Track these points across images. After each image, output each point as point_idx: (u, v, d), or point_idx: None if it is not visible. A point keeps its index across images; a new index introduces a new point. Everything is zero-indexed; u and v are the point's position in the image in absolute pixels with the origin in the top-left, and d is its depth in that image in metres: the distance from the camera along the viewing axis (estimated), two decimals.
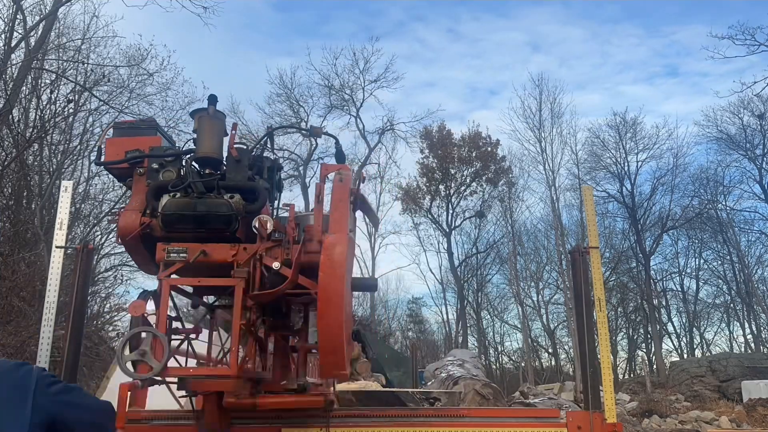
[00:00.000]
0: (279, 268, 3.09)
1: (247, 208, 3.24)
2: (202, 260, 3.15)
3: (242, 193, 3.26)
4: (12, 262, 11.92)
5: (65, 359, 4.99)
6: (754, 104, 29.68)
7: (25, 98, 15.23)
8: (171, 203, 3.19)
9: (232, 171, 3.32)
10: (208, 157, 3.31)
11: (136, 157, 3.41)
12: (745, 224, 33.33)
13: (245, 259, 3.13)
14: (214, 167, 3.35)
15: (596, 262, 4.28)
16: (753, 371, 21.33)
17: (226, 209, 3.18)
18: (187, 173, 3.27)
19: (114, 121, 3.95)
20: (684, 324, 36.52)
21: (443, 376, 13.27)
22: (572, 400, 15.50)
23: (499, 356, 38.77)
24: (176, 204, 3.18)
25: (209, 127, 3.33)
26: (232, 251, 3.18)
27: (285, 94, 30.39)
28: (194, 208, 3.17)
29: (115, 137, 3.60)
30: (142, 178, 3.41)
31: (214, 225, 3.19)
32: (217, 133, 3.36)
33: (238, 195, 3.24)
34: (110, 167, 3.57)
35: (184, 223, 3.19)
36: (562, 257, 27.45)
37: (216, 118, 3.37)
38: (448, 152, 33.93)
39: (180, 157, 3.38)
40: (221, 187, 3.24)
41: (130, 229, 3.27)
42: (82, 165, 18.13)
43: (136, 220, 3.28)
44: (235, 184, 3.27)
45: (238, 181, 3.29)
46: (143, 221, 3.26)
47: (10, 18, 14.04)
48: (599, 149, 32.30)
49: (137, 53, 17.94)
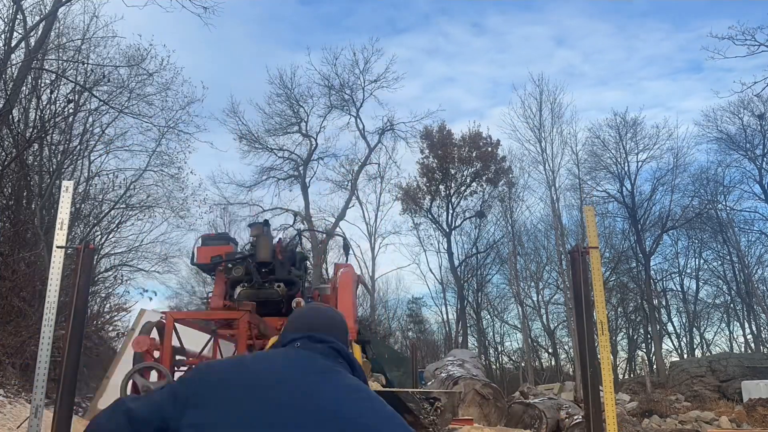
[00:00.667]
0: None
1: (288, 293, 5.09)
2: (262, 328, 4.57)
3: (285, 283, 5.17)
4: (12, 262, 11.92)
5: (65, 359, 4.99)
6: (754, 104, 29.68)
7: (25, 98, 15.23)
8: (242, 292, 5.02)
9: (278, 268, 5.22)
10: (263, 262, 5.26)
11: (218, 262, 5.33)
12: (745, 224, 33.35)
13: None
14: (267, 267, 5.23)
15: (596, 262, 4.29)
16: (753, 371, 21.34)
17: (276, 295, 5.04)
18: (252, 271, 5.10)
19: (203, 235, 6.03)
20: (684, 324, 36.55)
21: (443, 376, 13.28)
22: (572, 400, 15.50)
23: (499, 356, 38.79)
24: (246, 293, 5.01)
25: (265, 240, 5.29)
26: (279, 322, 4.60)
27: (285, 94, 30.38)
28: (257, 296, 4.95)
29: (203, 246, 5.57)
30: (221, 273, 5.29)
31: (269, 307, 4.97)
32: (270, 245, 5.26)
33: (282, 284, 5.14)
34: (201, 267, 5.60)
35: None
36: (562, 257, 27.44)
37: (268, 235, 5.36)
38: (448, 152, 33.92)
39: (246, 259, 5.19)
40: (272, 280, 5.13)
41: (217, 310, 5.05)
42: (82, 165, 18.17)
43: (220, 303, 5.11)
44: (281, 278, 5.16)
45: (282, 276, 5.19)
46: (225, 304, 5.06)
47: (10, 18, 14.05)
48: (599, 149, 32.31)
49: (137, 53, 17.94)
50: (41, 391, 4.96)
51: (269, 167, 30.36)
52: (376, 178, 33.62)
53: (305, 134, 30.78)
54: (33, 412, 4.90)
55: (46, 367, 5.00)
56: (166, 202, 21.74)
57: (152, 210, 21.39)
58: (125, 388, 3.34)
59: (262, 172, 30.23)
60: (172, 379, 3.28)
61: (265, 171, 30.28)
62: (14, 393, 9.49)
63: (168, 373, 3.33)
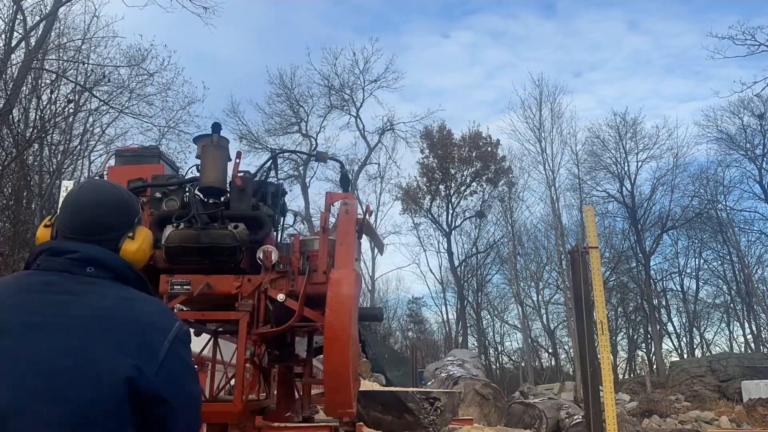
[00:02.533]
0: (284, 300, 3.06)
1: (251, 238, 3.17)
2: (206, 292, 3.11)
3: (246, 222, 3.19)
4: (12, 262, 11.92)
5: None
6: (754, 104, 29.69)
7: (25, 98, 15.23)
8: (175, 235, 3.12)
9: (236, 200, 3.27)
10: (212, 187, 3.26)
11: (139, 187, 3.35)
12: (745, 224, 33.36)
13: (249, 291, 3.10)
14: (217, 196, 3.31)
15: (596, 262, 4.29)
16: (753, 371, 21.34)
17: (231, 240, 3.11)
18: (191, 203, 3.20)
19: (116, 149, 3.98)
20: (684, 324, 36.56)
21: (443, 376, 13.28)
22: (572, 400, 15.50)
23: (499, 356, 38.80)
24: (180, 236, 3.11)
25: (213, 155, 3.27)
26: (236, 283, 3.12)
27: (285, 94, 30.39)
28: (198, 239, 3.10)
29: (118, 165, 3.59)
30: (144, 206, 3.30)
31: (219, 257, 3.12)
32: (221, 161, 3.30)
33: (242, 225, 3.17)
34: None
35: (188, 255, 3.12)
36: (562, 257, 27.43)
37: (220, 146, 3.31)
38: (448, 152, 33.92)
39: (183, 186, 3.31)
40: (225, 216, 3.18)
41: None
42: (82, 165, 18.14)
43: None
44: (240, 214, 3.22)
45: (242, 211, 3.23)
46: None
47: (10, 18, 14.06)
48: (599, 149, 32.32)
49: (137, 53, 17.94)
50: None
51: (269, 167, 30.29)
52: (376, 178, 33.67)
53: (305, 134, 30.81)
54: None
55: None
56: None
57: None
58: None
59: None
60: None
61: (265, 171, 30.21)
62: None
63: None
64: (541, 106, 29.92)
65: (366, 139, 31.36)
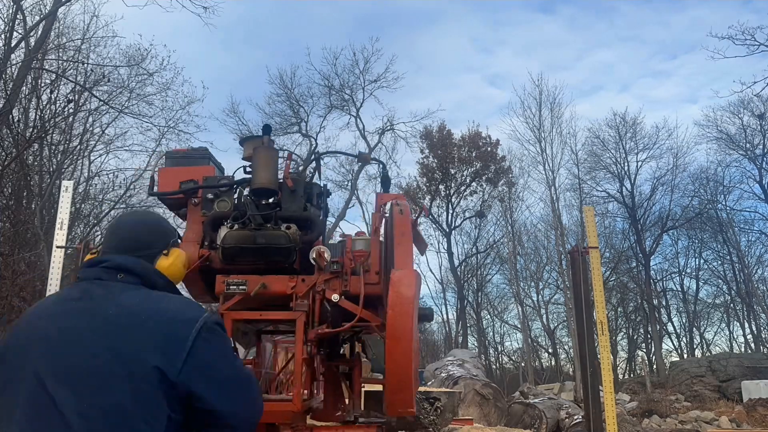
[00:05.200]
0: (338, 300, 3.09)
1: (304, 238, 3.22)
2: (261, 292, 3.13)
3: (298, 223, 3.24)
4: (12, 262, 11.92)
5: None
6: (754, 104, 29.68)
7: (25, 98, 15.23)
8: (230, 235, 3.15)
9: (287, 201, 3.30)
10: (264, 188, 3.26)
11: (191, 188, 3.37)
12: (745, 224, 33.37)
13: (304, 291, 3.14)
14: (268, 197, 3.34)
15: (596, 262, 4.29)
16: (753, 371, 21.34)
17: (285, 241, 3.15)
18: (245, 204, 3.23)
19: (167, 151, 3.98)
20: (684, 324, 36.56)
21: (443, 376, 13.28)
22: (572, 400, 15.50)
23: (499, 356, 38.82)
24: (236, 236, 3.15)
25: (265, 157, 3.30)
26: (291, 283, 3.15)
27: (285, 94, 30.38)
28: (254, 240, 3.14)
29: (168, 167, 3.58)
30: (197, 208, 3.37)
31: (274, 257, 3.16)
32: (273, 162, 3.32)
33: (294, 225, 3.22)
34: (164, 197, 3.50)
35: (243, 255, 3.16)
36: (562, 257, 27.43)
37: (271, 149, 3.36)
38: (448, 152, 33.92)
39: (233, 187, 3.36)
40: (278, 217, 3.22)
41: (190, 262, 3.13)
42: (82, 165, 18.16)
43: (195, 252, 3.22)
44: (292, 215, 3.26)
45: (294, 212, 3.28)
46: (202, 253, 3.22)
47: (10, 18, 14.05)
48: (599, 149, 32.32)
49: (137, 53, 17.94)
50: None
51: None
52: (376, 178, 33.63)
53: (305, 134, 30.78)
54: None
55: None
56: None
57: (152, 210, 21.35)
58: None
59: None
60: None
61: None
62: None
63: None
64: (540, 107, 29.92)
65: (366, 139, 31.33)
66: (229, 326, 3.00)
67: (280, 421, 3.11)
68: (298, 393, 3.04)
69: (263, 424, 3.18)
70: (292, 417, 3.06)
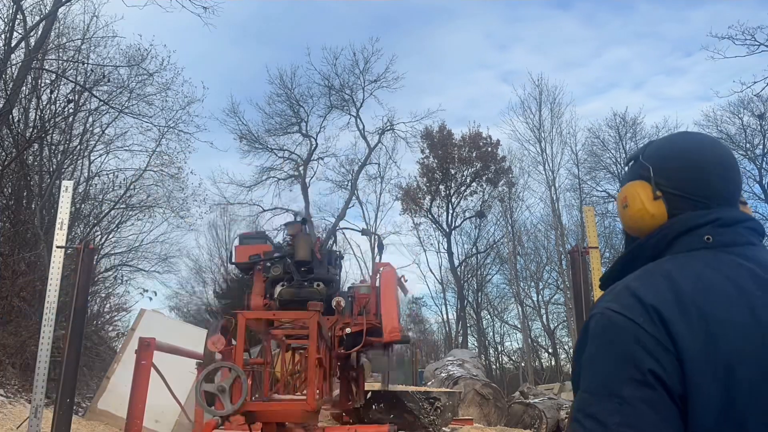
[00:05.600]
0: (349, 332, 5.11)
1: (328, 292, 5.03)
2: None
3: (324, 282, 5.06)
4: (12, 262, 11.92)
5: (65, 359, 4.99)
6: (754, 104, 29.66)
7: (25, 98, 15.22)
8: (284, 292, 4.95)
9: (317, 267, 5.12)
10: (303, 261, 5.09)
11: (258, 261, 5.24)
12: None
13: (329, 326, 4.90)
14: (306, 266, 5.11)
15: (596, 262, 4.29)
16: None
17: (317, 295, 4.88)
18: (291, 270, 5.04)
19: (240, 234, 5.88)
20: None
21: (443, 376, 13.27)
22: (572, 400, 15.48)
23: (499, 356, 38.77)
24: (287, 292, 4.95)
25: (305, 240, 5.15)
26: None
27: (285, 94, 30.39)
28: (298, 295, 4.90)
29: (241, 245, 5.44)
30: (260, 273, 5.24)
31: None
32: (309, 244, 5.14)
33: (322, 284, 5.02)
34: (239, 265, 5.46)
35: (291, 304, 4.84)
36: (562, 257, 27.44)
37: (306, 235, 5.20)
38: (448, 152, 33.92)
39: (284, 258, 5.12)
40: (312, 279, 5.02)
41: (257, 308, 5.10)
42: (82, 165, 18.16)
43: (260, 302, 5.12)
44: (321, 278, 5.06)
45: (322, 275, 5.09)
46: (265, 303, 5.07)
47: (10, 18, 14.04)
48: (599, 149, 32.33)
49: (137, 53, 17.91)
50: (41, 391, 4.96)
51: (269, 167, 30.37)
52: (376, 178, 33.63)
53: (305, 134, 30.81)
54: (33, 412, 4.90)
55: (46, 367, 5.00)
56: (166, 202, 21.68)
57: (152, 210, 21.33)
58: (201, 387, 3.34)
59: (262, 172, 30.25)
60: (245, 383, 3.35)
61: (265, 171, 30.28)
62: (14, 393, 9.49)
63: (245, 379, 3.33)
64: (540, 107, 29.94)
65: (366, 139, 31.34)
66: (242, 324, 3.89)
67: (294, 420, 3.69)
68: (312, 393, 3.50)
69: (275, 423, 3.54)
70: (306, 416, 3.54)
